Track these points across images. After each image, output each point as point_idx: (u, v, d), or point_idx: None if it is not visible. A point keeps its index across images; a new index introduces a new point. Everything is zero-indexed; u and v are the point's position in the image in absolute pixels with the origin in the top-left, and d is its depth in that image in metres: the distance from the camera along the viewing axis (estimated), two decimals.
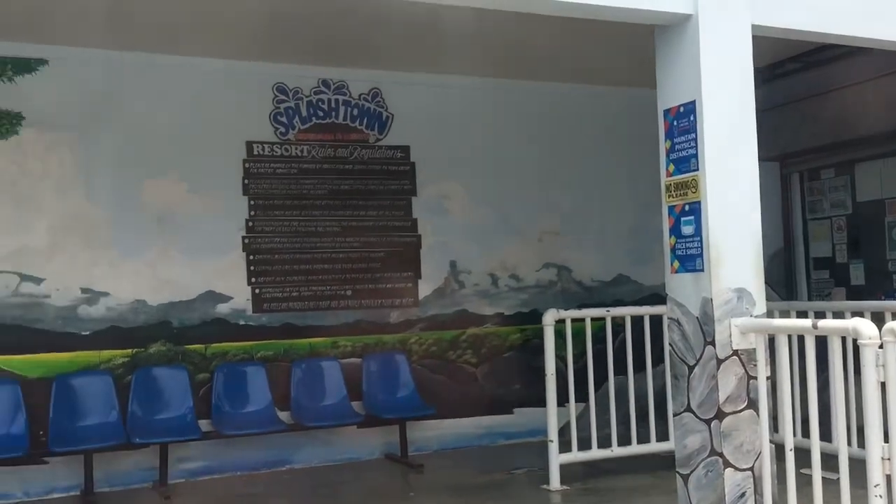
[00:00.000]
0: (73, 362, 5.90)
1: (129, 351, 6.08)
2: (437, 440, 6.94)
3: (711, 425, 4.04)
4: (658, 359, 6.01)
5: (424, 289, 7.09)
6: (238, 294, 6.45)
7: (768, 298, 4.37)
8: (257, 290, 6.51)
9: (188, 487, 5.92)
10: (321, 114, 6.82)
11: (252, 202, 6.55)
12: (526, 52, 6.60)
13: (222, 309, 6.39)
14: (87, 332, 5.98)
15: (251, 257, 6.52)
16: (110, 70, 6.13)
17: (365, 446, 6.67)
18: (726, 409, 4.02)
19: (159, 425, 5.85)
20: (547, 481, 5.66)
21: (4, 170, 5.86)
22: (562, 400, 5.84)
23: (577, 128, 7.64)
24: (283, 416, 6.30)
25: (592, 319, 5.97)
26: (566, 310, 6.05)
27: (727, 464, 4.02)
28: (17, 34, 5.70)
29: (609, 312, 6.06)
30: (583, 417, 6.01)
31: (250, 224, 6.54)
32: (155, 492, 5.76)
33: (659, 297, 7.54)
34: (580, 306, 6.81)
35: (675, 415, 4.30)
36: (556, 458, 5.70)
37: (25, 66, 5.92)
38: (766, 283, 4.42)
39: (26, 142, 5.92)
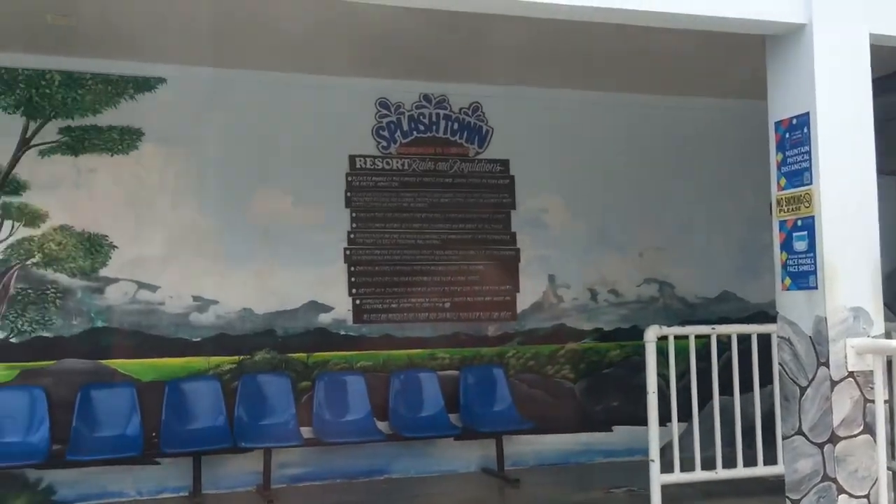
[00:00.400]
0: (184, 367, 6.15)
1: (236, 358, 6.29)
2: (534, 455, 6.88)
3: (824, 449, 3.86)
4: (766, 379, 5.79)
5: (523, 302, 7.06)
6: (339, 304, 6.58)
7: (886, 319, 4.16)
8: (358, 301, 6.64)
9: (290, 492, 6.06)
10: (422, 128, 6.91)
11: (354, 214, 6.69)
12: (627, 65, 6.52)
13: (324, 319, 6.54)
14: (198, 339, 6.22)
15: (352, 269, 6.65)
16: (221, 87, 6.39)
17: (461, 459, 6.68)
18: (840, 434, 3.84)
19: (263, 431, 6.02)
20: (647, 501, 5.52)
21: (126, 183, 6.18)
22: (663, 419, 5.69)
23: (679, 140, 7.49)
24: (382, 426, 6.38)
25: (696, 337, 5.80)
26: (668, 326, 5.91)
27: (841, 490, 3.84)
28: (138, 54, 6.02)
29: (714, 330, 5.87)
30: (685, 437, 5.84)
31: (352, 236, 6.68)
32: (258, 495, 5.93)
33: (767, 316, 7.33)
34: (682, 323, 6.65)
35: (784, 438, 4.13)
36: (658, 479, 5.54)
37: (145, 84, 6.24)
38: (884, 302, 4.21)
39: (145, 156, 6.23)
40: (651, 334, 5.65)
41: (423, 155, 6.91)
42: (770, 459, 5.65)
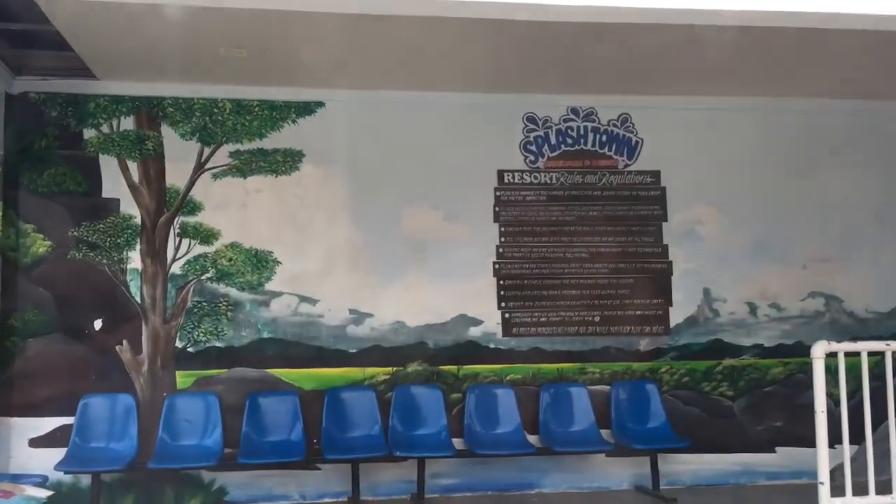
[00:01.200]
0: (341, 377, 6.42)
1: (390, 369, 6.49)
2: (691, 475, 6.65)
3: None
4: None
5: (676, 316, 6.87)
6: (489, 318, 6.66)
7: None
8: (507, 315, 6.69)
9: (442, 502, 6.17)
10: (570, 141, 6.91)
11: (502, 229, 6.77)
12: (783, 68, 6.24)
13: (474, 332, 6.63)
14: (354, 350, 6.48)
15: (501, 282, 6.72)
16: (374, 108, 6.65)
17: (614, 476, 6.56)
18: None
19: (417, 441, 6.17)
20: None
21: (289, 202, 6.55)
22: (832, 441, 5.36)
23: (842, 144, 7.09)
24: (532, 439, 6.38)
25: (869, 354, 5.44)
26: (838, 342, 5.57)
27: None
28: (299, 81, 6.40)
29: (889, 346, 5.48)
30: (857, 460, 5.47)
31: (500, 250, 6.75)
32: (413, 502, 6.06)
33: None
34: (852, 339, 6.23)
35: None
36: (829, 502, 5.23)
37: (306, 109, 6.61)
38: None
39: (305, 176, 6.58)
40: (819, 350, 5.35)
41: (571, 168, 6.89)
42: None
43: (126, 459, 5.72)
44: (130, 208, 6.37)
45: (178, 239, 6.40)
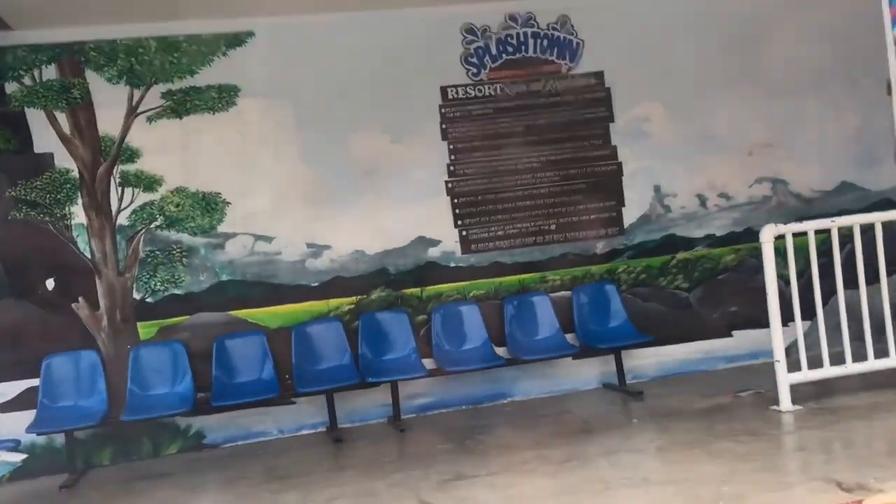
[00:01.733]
0: (306, 312, 6.40)
1: (354, 298, 6.49)
2: (655, 367, 6.88)
3: None
4: (893, 269, 5.57)
5: (629, 216, 6.97)
6: (446, 238, 6.67)
7: None
8: (464, 232, 6.71)
9: (419, 421, 6.29)
10: (511, 49, 6.81)
11: (451, 146, 6.71)
12: None
13: (433, 253, 6.65)
14: (316, 284, 6.45)
15: (455, 201, 6.70)
16: (307, 34, 6.45)
17: (582, 377, 6.75)
18: None
19: (388, 365, 6.24)
20: (775, 402, 5.47)
21: (231, 140, 6.37)
22: (785, 319, 5.58)
23: (781, 27, 7.12)
24: (500, 351, 6.50)
25: (816, 232, 5.62)
26: (785, 224, 5.73)
27: None
28: (226, 11, 6.14)
29: (835, 223, 5.66)
30: (810, 336, 5.71)
31: (452, 168, 6.71)
32: (391, 426, 6.17)
33: (891, 203, 7.03)
34: (799, 220, 6.40)
35: None
36: (786, 378, 5.47)
37: (235, 40, 6.37)
38: None
39: (244, 111, 6.39)
40: (767, 234, 5.51)
41: (514, 77, 6.82)
42: None
43: (98, 415, 5.68)
44: (65, 161, 6.14)
45: (120, 189, 6.21)
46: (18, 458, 4.71)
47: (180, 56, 6.31)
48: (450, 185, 6.70)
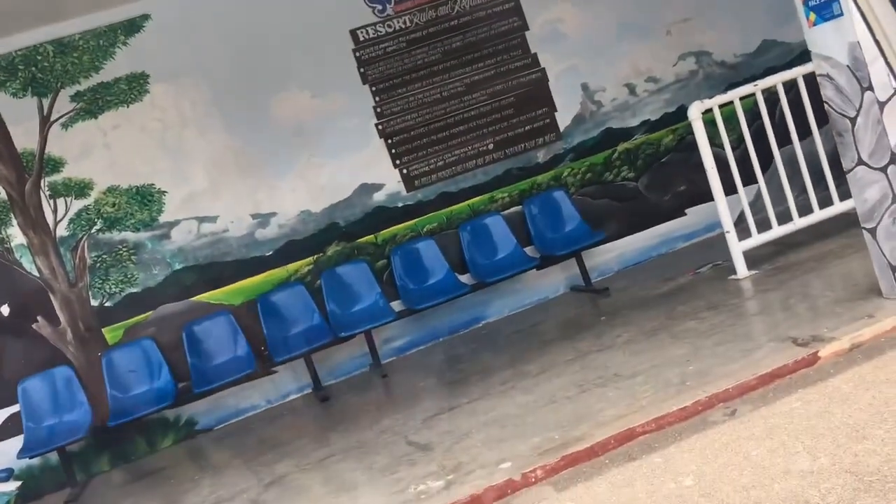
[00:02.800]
0: (267, 281, 6.42)
1: (311, 259, 6.50)
2: (617, 261, 7.00)
3: (888, 172, 3.81)
4: (823, 119, 5.64)
5: (563, 119, 6.98)
6: (389, 179, 6.66)
7: None
8: (405, 171, 6.69)
9: (400, 363, 6.41)
10: None
11: (373, 88, 6.64)
12: None
13: (378, 197, 6.65)
14: (270, 252, 6.45)
15: (389, 141, 6.67)
16: (203, 5, 6.28)
17: (548, 286, 6.86)
18: None
19: (357, 316, 6.30)
20: (734, 272, 5.61)
21: (152, 128, 6.27)
22: (731, 190, 5.69)
23: None
24: (464, 278, 6.58)
25: (741, 98, 5.68)
26: (712, 97, 5.77)
27: None
28: None
29: (757, 86, 5.72)
30: (757, 200, 5.84)
31: (378, 110, 6.65)
32: (373, 373, 6.29)
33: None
34: (728, 88, 6.44)
35: (847, 171, 4.09)
36: (738, 247, 5.61)
37: (133, 27, 6.20)
38: None
39: (158, 96, 6.27)
40: (695, 111, 5.57)
41: (420, 5, 6.71)
42: (845, 194, 5.60)
43: (84, 426, 5.73)
44: None
45: (52, 201, 6.12)
46: (14, 486, 4.77)
47: (80, 55, 6.15)
48: (380, 126, 6.66)
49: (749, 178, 5.77)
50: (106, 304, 6.17)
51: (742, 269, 5.58)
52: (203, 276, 6.33)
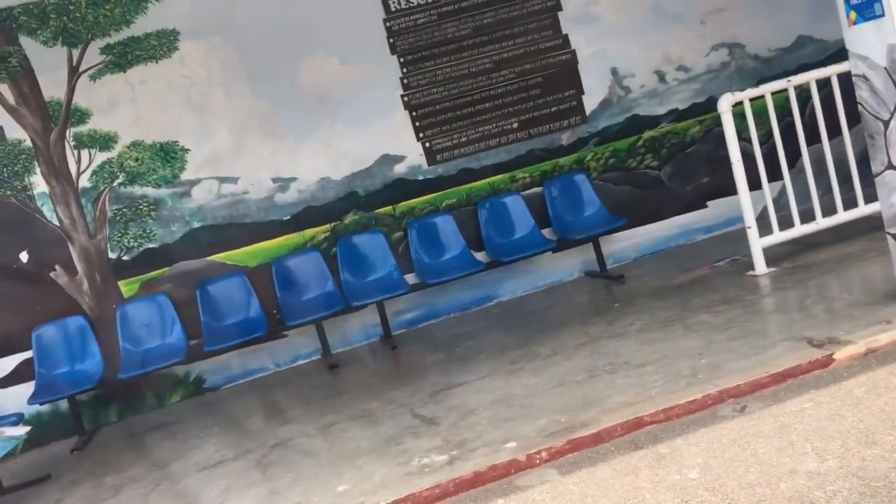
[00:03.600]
0: (283, 246, 6.44)
1: (328, 226, 6.51)
2: (634, 249, 6.97)
3: None
4: (855, 119, 5.56)
5: (590, 103, 6.92)
6: (410, 152, 6.64)
7: None
8: (427, 144, 6.67)
9: (410, 335, 6.43)
10: None
11: (402, 59, 6.60)
12: None
13: (399, 169, 6.63)
14: (288, 217, 6.46)
15: (414, 113, 6.64)
16: None
17: (563, 269, 6.85)
18: None
19: (371, 286, 6.32)
20: (751, 267, 5.58)
21: (179, 86, 6.27)
22: (755, 185, 5.63)
23: None
24: (480, 256, 6.57)
25: (773, 93, 5.61)
26: (743, 90, 5.70)
27: None
28: None
29: (790, 82, 5.64)
30: (781, 197, 5.79)
31: (405, 81, 6.62)
32: (383, 344, 6.31)
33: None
34: (760, 82, 6.37)
35: (875, 175, 4.03)
36: (758, 243, 5.57)
37: None
38: None
39: (187, 54, 6.26)
40: (725, 104, 5.50)
41: None
42: (871, 197, 5.53)
43: (95, 377, 5.79)
44: (16, 132, 6.06)
45: (76, 152, 6.15)
46: (23, 431, 4.84)
47: (112, 7, 6.13)
48: (405, 98, 6.63)
49: (774, 175, 5.71)
50: (123, 258, 6.21)
51: (761, 266, 5.54)
52: (220, 236, 6.35)
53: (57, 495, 4.72)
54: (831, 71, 5.60)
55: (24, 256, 6.07)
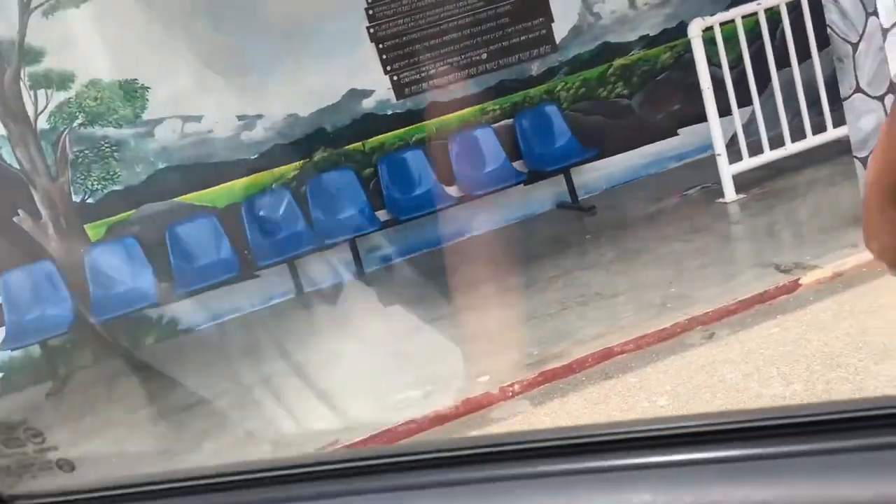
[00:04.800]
0: (252, 185, 6.34)
1: (297, 164, 6.41)
2: (606, 179, 6.95)
3: (885, 101, 3.75)
4: (824, 42, 5.51)
5: (560, 31, 6.80)
6: (378, 86, 6.51)
7: None
8: (395, 78, 6.54)
9: (383, 273, 6.42)
10: None
11: None
12: None
13: (368, 104, 6.51)
14: (255, 156, 6.35)
15: (381, 46, 6.49)
16: None
17: (536, 201, 6.82)
18: None
19: (343, 224, 6.26)
20: (721, 195, 5.59)
21: (136, 21, 6.03)
22: (726, 111, 5.61)
23: None
24: (451, 190, 6.52)
25: (744, 17, 5.53)
26: (713, 14, 5.62)
27: None
28: None
29: (760, 5, 5.56)
30: (751, 123, 5.77)
31: (371, 12, 6.45)
32: (357, 281, 6.29)
33: None
34: (730, 5, 6.27)
35: (844, 99, 4.02)
36: (728, 170, 5.58)
37: None
38: None
39: None
40: (695, 28, 5.44)
41: None
42: (840, 120, 5.53)
43: (66, 321, 5.73)
44: None
45: (32, 93, 5.96)
46: None
47: None
48: (372, 30, 6.47)
49: (744, 100, 5.68)
50: (88, 201, 6.09)
51: (730, 193, 5.56)
52: (187, 176, 6.24)
53: None
54: None
55: None
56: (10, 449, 0.74)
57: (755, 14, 5.57)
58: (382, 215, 6.36)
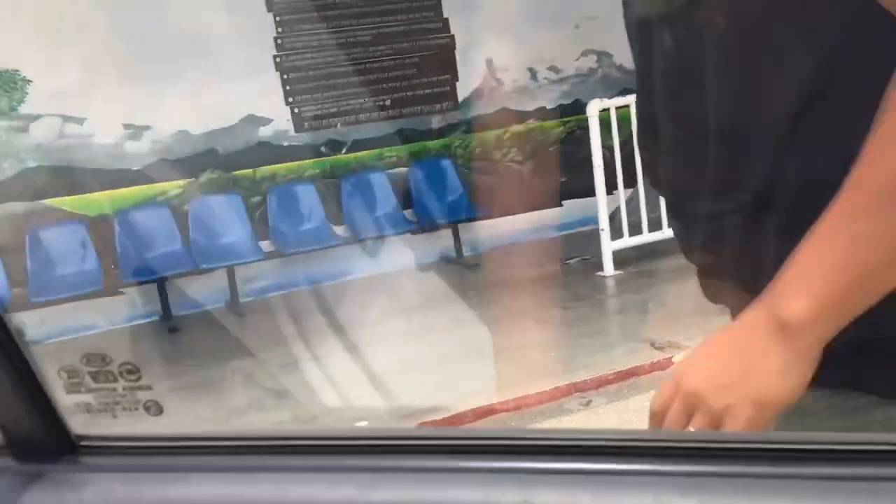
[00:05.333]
0: (130, 197, 6.04)
1: (182, 182, 6.17)
2: (491, 239, 7.08)
3: None
4: None
5: (463, 90, 6.95)
6: (278, 116, 6.41)
7: None
8: (296, 110, 6.46)
9: (258, 305, 6.21)
10: None
11: (278, 18, 6.35)
12: None
13: (265, 132, 6.38)
14: (137, 168, 6.06)
15: (285, 76, 6.41)
16: None
17: (421, 252, 6.83)
18: None
19: (223, 250, 6.05)
20: (601, 268, 5.81)
21: (25, 9, 5.71)
22: (611, 188, 5.86)
23: None
24: (339, 230, 6.45)
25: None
26: (609, 98, 5.92)
27: None
28: None
29: None
30: (632, 202, 6.05)
31: (279, 41, 6.37)
32: (229, 311, 6.07)
33: None
34: (623, 92, 6.62)
35: None
36: (609, 245, 5.81)
37: None
38: None
39: None
40: (593, 108, 5.69)
41: None
42: None
43: None
44: None
45: None
46: None
47: None
48: (278, 59, 6.38)
49: (629, 182, 5.96)
50: None
51: (609, 268, 5.78)
52: (58, 178, 5.86)
53: None
54: None
55: None
56: (97, 384, 0.67)
57: None
58: (266, 246, 6.20)
